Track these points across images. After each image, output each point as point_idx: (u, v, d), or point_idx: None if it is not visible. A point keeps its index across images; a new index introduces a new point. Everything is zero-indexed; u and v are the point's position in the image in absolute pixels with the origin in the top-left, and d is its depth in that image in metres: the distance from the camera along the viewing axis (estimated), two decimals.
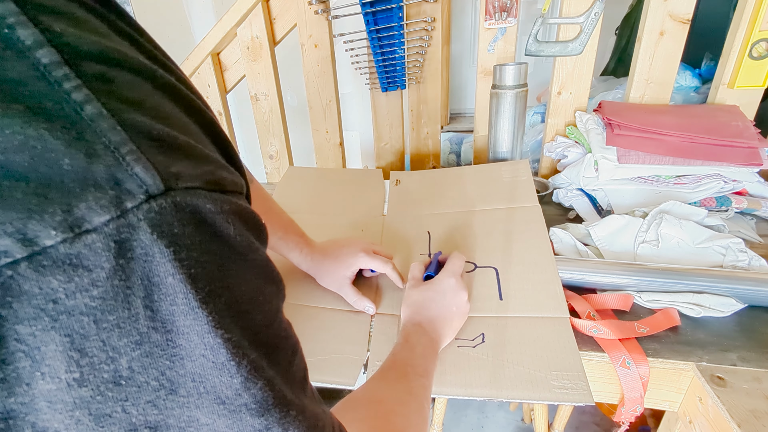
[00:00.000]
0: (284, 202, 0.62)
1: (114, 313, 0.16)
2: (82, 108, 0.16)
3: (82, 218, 0.15)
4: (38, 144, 0.15)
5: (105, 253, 0.16)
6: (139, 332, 0.17)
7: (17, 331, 0.15)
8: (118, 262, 0.16)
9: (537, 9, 1.92)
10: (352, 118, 1.98)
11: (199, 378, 0.18)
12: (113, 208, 0.16)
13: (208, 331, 0.18)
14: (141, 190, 0.16)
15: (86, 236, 0.15)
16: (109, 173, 0.16)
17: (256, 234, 0.22)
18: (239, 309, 0.19)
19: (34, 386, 0.16)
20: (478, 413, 1.43)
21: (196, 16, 1.87)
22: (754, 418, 0.41)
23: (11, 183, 0.14)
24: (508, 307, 0.56)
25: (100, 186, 0.16)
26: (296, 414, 0.21)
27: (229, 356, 0.18)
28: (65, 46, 0.16)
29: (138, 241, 0.16)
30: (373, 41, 0.96)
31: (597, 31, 0.86)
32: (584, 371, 0.47)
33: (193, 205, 0.18)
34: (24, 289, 0.15)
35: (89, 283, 0.16)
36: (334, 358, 0.53)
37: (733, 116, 0.82)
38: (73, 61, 0.16)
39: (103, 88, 0.17)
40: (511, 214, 0.70)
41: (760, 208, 0.76)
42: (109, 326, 0.16)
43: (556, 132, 0.98)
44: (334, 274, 0.61)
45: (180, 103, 0.20)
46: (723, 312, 0.55)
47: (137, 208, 0.16)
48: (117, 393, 0.17)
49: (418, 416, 0.39)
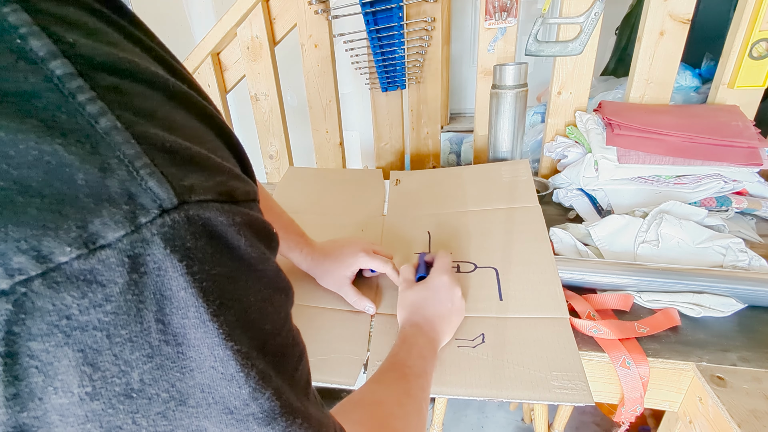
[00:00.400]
0: (284, 202, 0.62)
1: (126, 328, 0.16)
2: (97, 121, 0.16)
3: (96, 234, 0.15)
4: (53, 159, 0.15)
5: (119, 268, 0.16)
6: (151, 345, 0.17)
7: (30, 347, 0.15)
8: (131, 276, 0.16)
9: (537, 9, 1.92)
10: (352, 118, 1.98)
11: (209, 389, 0.18)
12: (127, 224, 0.16)
13: (219, 343, 0.18)
14: (155, 205, 0.16)
15: (100, 252, 0.15)
16: (123, 188, 0.16)
17: (267, 243, 0.22)
18: (248, 320, 0.20)
19: (46, 401, 0.16)
20: (478, 413, 1.43)
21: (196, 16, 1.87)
22: (754, 418, 0.41)
23: (26, 199, 0.14)
24: (508, 307, 0.56)
25: (115, 201, 0.16)
26: (302, 421, 0.21)
27: (238, 368, 0.19)
28: (78, 57, 0.16)
29: (151, 256, 0.16)
30: (373, 41, 0.96)
31: (597, 31, 0.86)
32: (584, 372, 0.47)
33: (205, 218, 0.18)
34: (37, 305, 0.15)
35: (103, 298, 0.16)
36: (334, 358, 0.53)
37: (733, 116, 0.82)
38: (86, 73, 0.16)
39: (116, 100, 0.17)
40: (511, 215, 0.70)
41: (760, 208, 0.76)
42: (122, 340, 0.16)
43: (556, 132, 0.98)
44: (334, 273, 0.61)
45: (192, 110, 0.20)
46: (723, 312, 0.55)
47: (151, 222, 0.16)
48: (128, 405, 0.17)
49: (416, 417, 0.39)
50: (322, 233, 0.67)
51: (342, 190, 0.88)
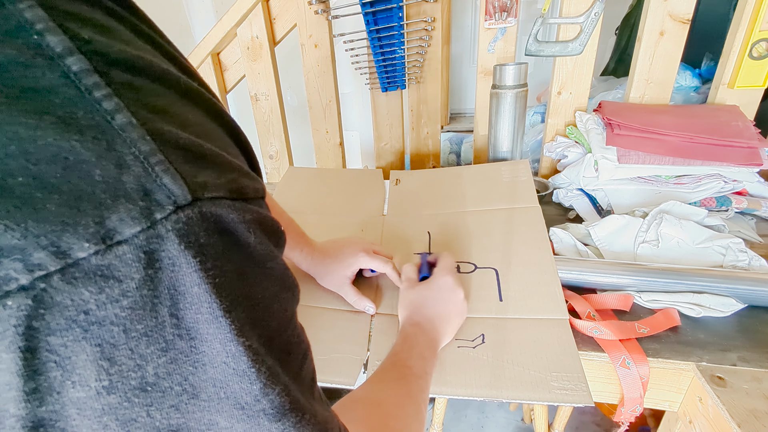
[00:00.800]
0: (284, 202, 0.62)
1: (142, 322, 0.16)
2: (113, 117, 0.16)
3: (114, 230, 0.15)
4: (70, 155, 0.15)
5: (135, 264, 0.16)
6: (166, 340, 0.17)
7: (49, 342, 0.15)
8: (147, 272, 0.16)
9: (537, 9, 1.92)
10: (352, 118, 1.98)
11: (220, 383, 0.19)
12: (143, 220, 0.16)
13: (231, 339, 0.18)
14: (170, 201, 0.16)
15: (117, 248, 0.15)
16: (139, 184, 0.16)
17: (275, 241, 0.22)
18: (257, 316, 0.20)
19: (64, 395, 0.16)
20: (478, 413, 1.43)
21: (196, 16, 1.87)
22: (754, 418, 0.41)
23: (44, 195, 0.15)
24: (507, 308, 0.56)
25: (131, 197, 0.16)
26: (310, 417, 0.21)
27: (250, 363, 0.19)
28: (94, 53, 0.16)
29: (166, 252, 0.16)
30: (373, 41, 0.96)
31: (597, 31, 0.86)
32: (583, 372, 0.47)
33: (217, 215, 0.18)
34: (56, 300, 0.15)
35: (119, 293, 0.16)
36: (334, 357, 0.53)
37: (733, 116, 0.82)
38: (102, 69, 0.16)
39: (131, 97, 0.17)
40: (511, 215, 0.70)
41: (760, 208, 0.76)
42: (138, 335, 0.16)
43: (556, 132, 0.98)
44: (334, 273, 0.61)
45: (203, 107, 0.21)
46: (723, 312, 0.55)
47: (166, 219, 0.16)
48: (143, 398, 0.17)
49: (415, 418, 0.39)
50: (322, 233, 0.67)
51: (342, 190, 0.88)
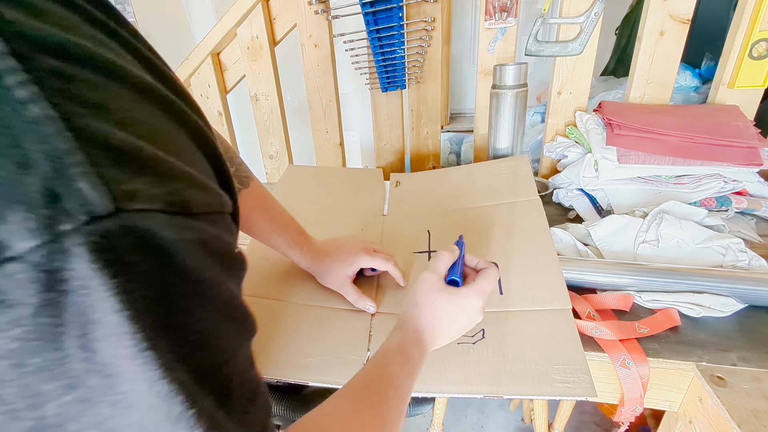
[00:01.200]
0: (284, 200, 0.62)
1: (40, 355, 0.14)
2: (25, 107, 0.14)
3: (2, 244, 0.13)
4: None
5: (31, 285, 0.13)
6: (72, 376, 0.14)
7: None
8: (47, 296, 0.13)
9: (537, 9, 1.92)
10: (352, 118, 1.98)
11: (150, 430, 0.16)
12: (44, 231, 0.13)
13: (159, 377, 0.16)
14: (82, 210, 0.14)
15: (7, 266, 0.13)
16: (44, 188, 0.13)
17: (226, 265, 0.19)
18: (187, 351, 0.17)
19: None
20: (478, 413, 1.43)
21: (196, 16, 1.87)
22: (754, 418, 0.41)
23: None
24: (508, 301, 0.56)
25: (30, 204, 0.13)
26: None
27: (186, 406, 0.16)
28: (16, 35, 0.14)
29: (74, 271, 0.14)
30: (373, 41, 0.96)
31: (597, 31, 0.86)
32: (587, 364, 0.46)
33: (145, 230, 0.15)
34: None
35: (9, 321, 0.13)
36: (334, 357, 0.53)
37: (733, 116, 0.82)
38: (23, 53, 0.14)
39: (57, 87, 0.15)
40: (512, 209, 0.70)
41: (760, 208, 0.76)
42: (33, 369, 0.14)
43: (556, 132, 0.98)
44: (335, 272, 0.61)
45: (163, 107, 0.18)
46: (723, 312, 0.55)
47: (75, 231, 0.14)
48: None
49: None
50: (322, 232, 0.67)
51: (342, 189, 0.88)
